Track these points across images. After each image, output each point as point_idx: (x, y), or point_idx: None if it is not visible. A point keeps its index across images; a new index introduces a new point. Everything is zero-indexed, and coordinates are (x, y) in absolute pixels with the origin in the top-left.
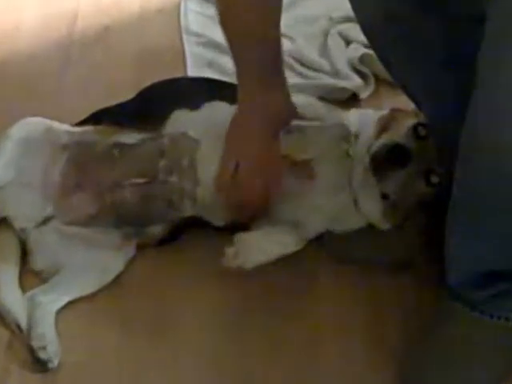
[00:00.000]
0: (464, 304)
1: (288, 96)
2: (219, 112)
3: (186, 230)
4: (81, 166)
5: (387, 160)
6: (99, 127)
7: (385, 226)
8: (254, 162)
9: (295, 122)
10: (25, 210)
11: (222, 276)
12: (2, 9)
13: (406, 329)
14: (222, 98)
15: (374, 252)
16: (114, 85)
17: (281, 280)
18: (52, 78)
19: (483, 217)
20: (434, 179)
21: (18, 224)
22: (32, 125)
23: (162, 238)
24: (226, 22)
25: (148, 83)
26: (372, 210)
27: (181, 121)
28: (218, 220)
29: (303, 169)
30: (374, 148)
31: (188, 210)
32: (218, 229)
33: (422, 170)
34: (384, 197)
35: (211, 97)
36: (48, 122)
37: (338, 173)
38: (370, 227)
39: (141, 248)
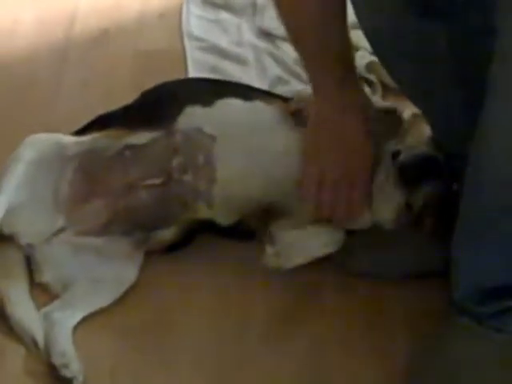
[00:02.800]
0: (470, 319)
1: (363, 90)
2: (234, 108)
3: (193, 238)
4: (91, 173)
5: (420, 172)
6: (108, 132)
7: (392, 226)
8: (341, 170)
9: None
10: (36, 227)
11: (223, 288)
12: None
13: (412, 340)
14: (233, 95)
15: (386, 264)
16: (113, 89)
17: (286, 291)
18: (49, 81)
19: (491, 229)
20: (455, 186)
21: (25, 240)
22: (41, 143)
23: (172, 243)
24: (297, 39)
25: (147, 87)
26: (386, 212)
27: (194, 117)
28: (228, 219)
29: None
30: (405, 158)
31: (201, 212)
32: (221, 234)
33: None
34: (408, 207)
35: (222, 94)
36: (56, 136)
37: None
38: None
39: (147, 255)
